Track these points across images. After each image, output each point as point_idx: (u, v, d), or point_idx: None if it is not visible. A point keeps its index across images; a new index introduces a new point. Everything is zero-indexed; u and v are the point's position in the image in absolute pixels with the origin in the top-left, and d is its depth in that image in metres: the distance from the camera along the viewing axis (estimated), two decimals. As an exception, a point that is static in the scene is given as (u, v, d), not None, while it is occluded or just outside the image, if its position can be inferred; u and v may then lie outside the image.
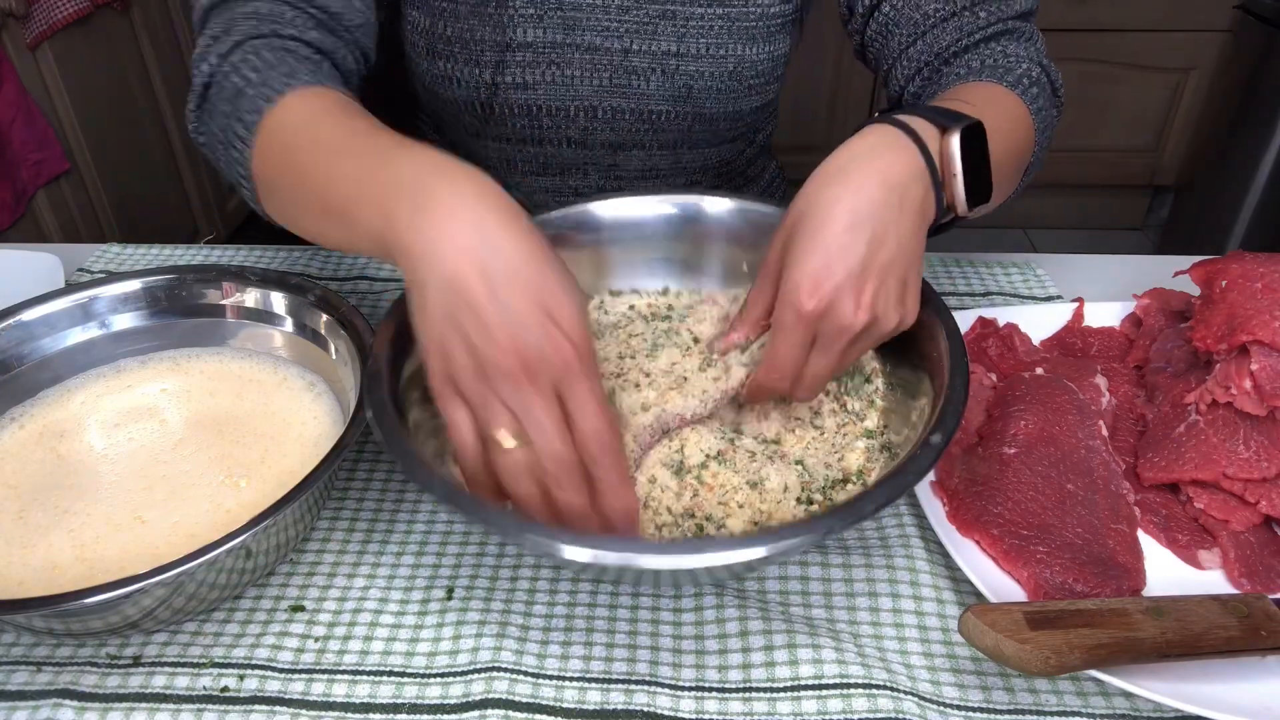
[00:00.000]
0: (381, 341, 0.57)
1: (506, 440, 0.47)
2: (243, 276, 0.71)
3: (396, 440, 0.50)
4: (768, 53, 0.82)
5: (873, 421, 0.61)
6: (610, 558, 0.44)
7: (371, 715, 0.52)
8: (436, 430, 0.56)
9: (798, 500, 0.56)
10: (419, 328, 0.48)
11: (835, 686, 0.52)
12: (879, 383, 0.64)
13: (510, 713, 0.51)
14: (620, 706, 0.51)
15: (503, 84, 0.80)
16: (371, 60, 0.74)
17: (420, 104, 0.95)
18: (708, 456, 0.57)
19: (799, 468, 0.58)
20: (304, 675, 0.54)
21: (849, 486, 0.58)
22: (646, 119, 0.83)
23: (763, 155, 1.01)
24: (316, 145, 0.56)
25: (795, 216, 0.54)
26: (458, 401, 0.48)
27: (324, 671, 0.54)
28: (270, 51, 0.62)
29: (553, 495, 0.47)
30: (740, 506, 0.55)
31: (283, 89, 0.59)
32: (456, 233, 0.46)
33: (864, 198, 0.52)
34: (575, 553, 0.44)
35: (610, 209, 0.70)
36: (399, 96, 0.95)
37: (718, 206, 0.70)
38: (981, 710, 0.51)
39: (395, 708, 0.52)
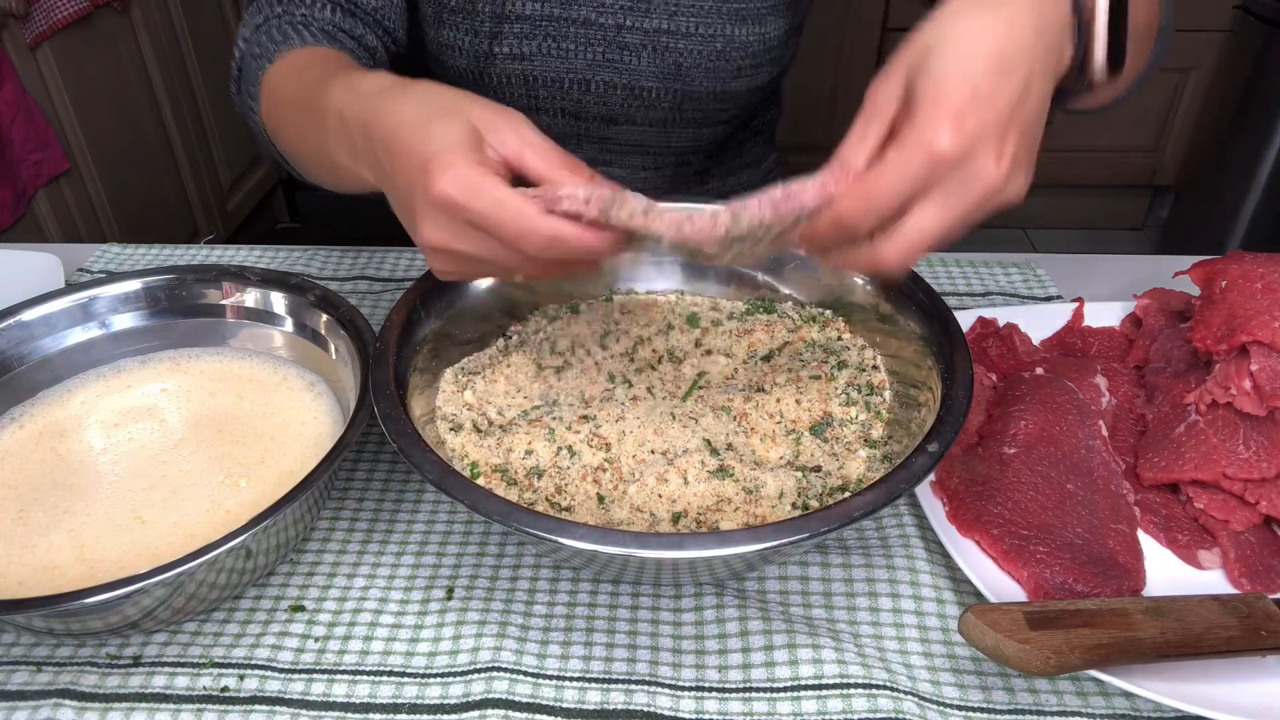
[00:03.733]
0: (388, 331, 0.59)
1: None
2: (243, 276, 0.71)
3: (395, 419, 0.51)
4: (758, 34, 0.83)
5: (878, 432, 0.61)
6: (589, 541, 0.46)
7: (371, 715, 0.52)
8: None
9: (793, 505, 0.56)
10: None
11: (835, 686, 0.52)
12: (887, 394, 0.64)
13: (510, 713, 0.51)
14: (620, 706, 0.51)
15: (500, 54, 0.83)
16: (400, 39, 0.81)
17: (432, 76, 0.97)
18: (710, 473, 0.57)
19: (798, 474, 0.58)
20: (304, 675, 0.54)
21: (846, 495, 0.58)
22: (637, 94, 0.85)
23: (760, 141, 1.02)
24: (291, 107, 0.65)
25: (922, 48, 0.46)
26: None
27: (324, 671, 0.54)
28: (280, 29, 0.70)
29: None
30: (735, 510, 0.55)
31: (274, 55, 0.68)
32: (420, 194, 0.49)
33: (1018, 33, 0.44)
34: (550, 528, 0.46)
35: None
36: (410, 70, 0.99)
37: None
38: (981, 710, 0.51)
39: (395, 708, 0.52)
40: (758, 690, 0.52)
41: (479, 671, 0.53)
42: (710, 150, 0.94)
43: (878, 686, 0.51)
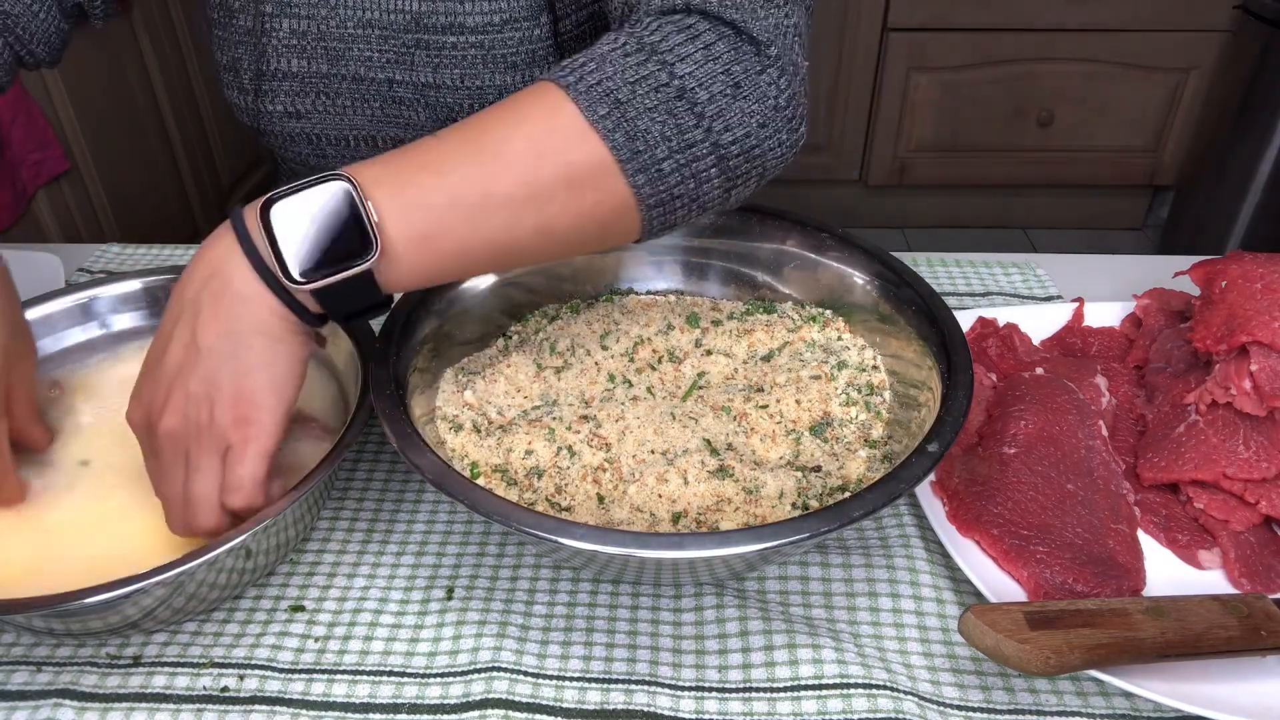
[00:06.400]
0: (388, 331, 0.59)
1: None
2: (243, 276, 0.70)
3: (396, 419, 0.52)
4: (534, 80, 0.76)
5: (878, 432, 0.61)
6: (589, 541, 0.46)
7: (371, 715, 0.52)
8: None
9: (793, 505, 0.56)
10: None
11: (835, 686, 0.52)
12: (886, 394, 0.64)
13: (510, 713, 0.51)
14: (620, 706, 0.51)
15: (274, 112, 0.81)
16: (40, 55, 0.76)
17: None
18: (710, 473, 0.57)
19: (798, 474, 0.58)
20: (304, 675, 0.54)
21: (846, 495, 0.58)
22: None
23: None
24: None
25: None
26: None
27: (324, 671, 0.54)
28: None
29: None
30: (735, 510, 0.55)
31: None
32: None
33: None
34: (551, 528, 0.46)
35: None
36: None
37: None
38: (981, 710, 0.51)
39: (395, 708, 0.52)
40: (758, 690, 0.52)
41: (479, 671, 0.53)
42: None
43: (878, 686, 0.52)
